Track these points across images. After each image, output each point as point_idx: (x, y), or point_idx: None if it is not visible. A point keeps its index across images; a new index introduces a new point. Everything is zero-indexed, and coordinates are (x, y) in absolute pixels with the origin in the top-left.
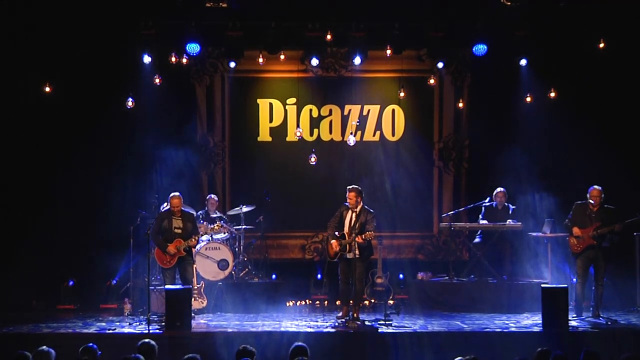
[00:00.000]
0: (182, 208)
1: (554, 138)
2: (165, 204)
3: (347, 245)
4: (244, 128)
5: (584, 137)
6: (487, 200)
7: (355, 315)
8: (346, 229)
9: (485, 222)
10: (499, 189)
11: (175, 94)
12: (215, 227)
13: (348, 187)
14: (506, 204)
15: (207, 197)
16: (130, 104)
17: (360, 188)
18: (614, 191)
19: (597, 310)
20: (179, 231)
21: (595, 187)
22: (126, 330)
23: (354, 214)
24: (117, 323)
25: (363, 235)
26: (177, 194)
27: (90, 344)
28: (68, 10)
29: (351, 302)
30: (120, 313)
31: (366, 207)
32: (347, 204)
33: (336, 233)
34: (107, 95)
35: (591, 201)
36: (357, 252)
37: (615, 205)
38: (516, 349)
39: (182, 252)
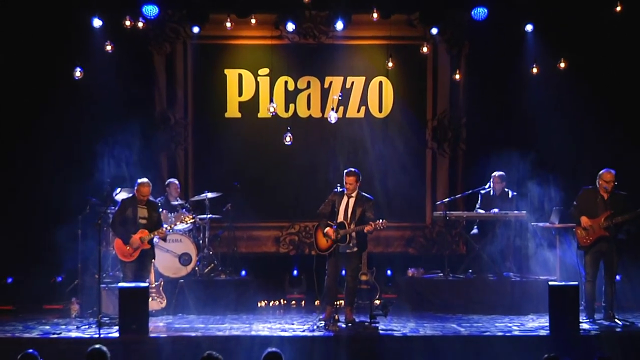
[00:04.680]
0: None
1: (564, 115)
2: (119, 189)
3: (347, 236)
4: (210, 103)
5: (597, 114)
6: (487, 186)
7: (349, 317)
8: (341, 218)
9: (482, 211)
10: (495, 173)
11: (130, 63)
12: (187, 219)
13: (346, 171)
14: (506, 189)
15: (167, 182)
16: (78, 74)
17: (359, 172)
18: (626, 175)
19: (611, 311)
20: (144, 221)
21: (609, 170)
22: (73, 334)
23: (350, 201)
24: (63, 326)
25: (375, 224)
26: (146, 180)
27: (31, 350)
28: None
29: (339, 303)
30: (67, 315)
31: (363, 193)
32: (337, 190)
33: (329, 222)
34: (51, 65)
35: (604, 186)
36: (355, 244)
37: (628, 191)
38: (520, 356)
39: (147, 245)
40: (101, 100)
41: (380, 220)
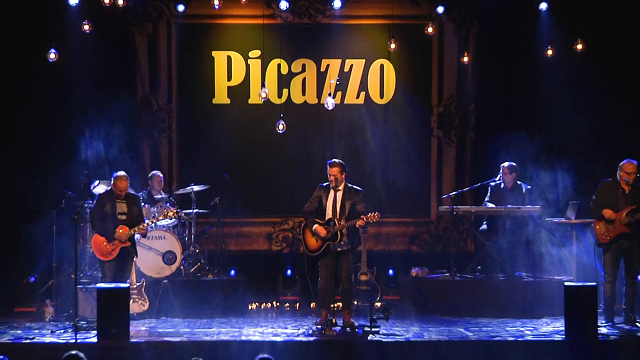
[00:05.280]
0: None
1: (580, 101)
2: (97, 182)
3: (338, 234)
4: (196, 88)
5: (616, 100)
6: (497, 178)
7: (347, 320)
8: (330, 214)
9: (492, 205)
10: (504, 164)
11: (110, 44)
12: (170, 213)
13: (330, 162)
14: (518, 182)
15: (150, 174)
16: (52, 56)
17: (343, 162)
18: None
19: (632, 314)
20: (124, 217)
21: (631, 160)
22: (48, 339)
23: (338, 195)
24: (37, 330)
25: (367, 217)
26: (123, 173)
27: (1, 357)
28: None
29: (337, 305)
30: (41, 318)
31: (350, 184)
32: (324, 184)
33: (317, 220)
34: (23, 46)
35: (625, 179)
36: (347, 241)
37: None
38: None
39: (127, 242)
40: (78, 85)
41: (372, 213)
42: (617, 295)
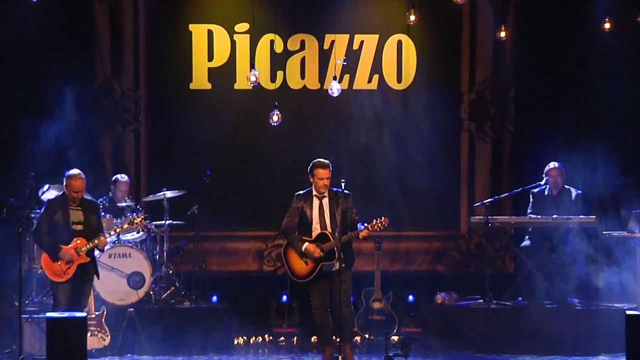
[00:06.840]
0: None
1: None
2: (47, 186)
3: (335, 250)
4: (169, 70)
5: None
6: (542, 183)
7: (348, 355)
8: (318, 228)
9: (536, 216)
10: (551, 165)
11: (63, 17)
12: (137, 220)
13: (318, 163)
14: (566, 187)
15: (114, 178)
16: None
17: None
18: None
19: None
20: (80, 227)
21: None
22: None
23: (324, 203)
24: None
25: (373, 225)
26: (77, 172)
27: None
28: None
29: (337, 340)
30: None
31: (335, 188)
32: (301, 192)
33: (304, 238)
34: None
35: None
36: (342, 258)
37: None
38: None
39: (85, 258)
40: (23, 66)
41: (378, 220)
42: None
